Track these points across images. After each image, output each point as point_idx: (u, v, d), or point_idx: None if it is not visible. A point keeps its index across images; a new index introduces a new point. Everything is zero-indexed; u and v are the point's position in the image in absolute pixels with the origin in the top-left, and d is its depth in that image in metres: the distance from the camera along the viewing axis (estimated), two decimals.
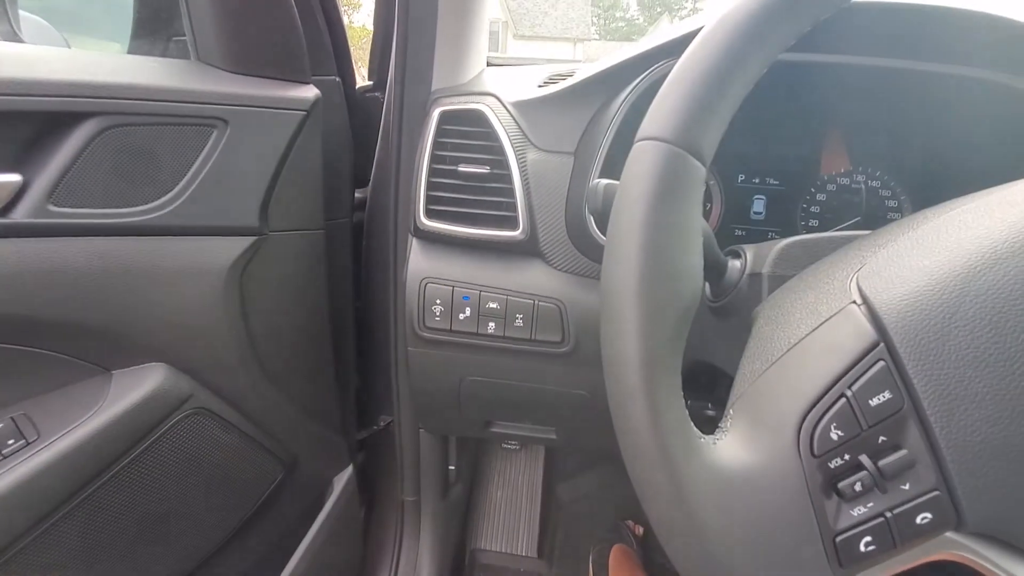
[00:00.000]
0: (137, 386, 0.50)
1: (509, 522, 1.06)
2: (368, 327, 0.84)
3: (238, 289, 0.54)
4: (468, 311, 0.56)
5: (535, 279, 0.56)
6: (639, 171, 0.26)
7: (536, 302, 0.56)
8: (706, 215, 0.66)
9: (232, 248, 0.53)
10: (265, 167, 0.54)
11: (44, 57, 0.49)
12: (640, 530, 1.04)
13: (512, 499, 1.09)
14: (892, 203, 0.64)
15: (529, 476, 1.11)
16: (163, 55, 0.65)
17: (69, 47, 0.75)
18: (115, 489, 0.50)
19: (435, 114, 0.57)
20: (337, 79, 0.65)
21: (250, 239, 0.54)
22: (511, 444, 1.11)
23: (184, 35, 0.55)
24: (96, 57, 0.52)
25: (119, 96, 0.49)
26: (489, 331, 0.56)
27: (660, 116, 0.27)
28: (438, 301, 0.56)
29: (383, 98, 0.75)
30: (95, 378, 0.50)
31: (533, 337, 0.56)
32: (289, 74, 0.56)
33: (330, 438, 0.72)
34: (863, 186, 0.64)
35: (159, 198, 0.50)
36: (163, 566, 0.55)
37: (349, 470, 0.75)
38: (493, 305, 0.56)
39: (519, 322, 0.56)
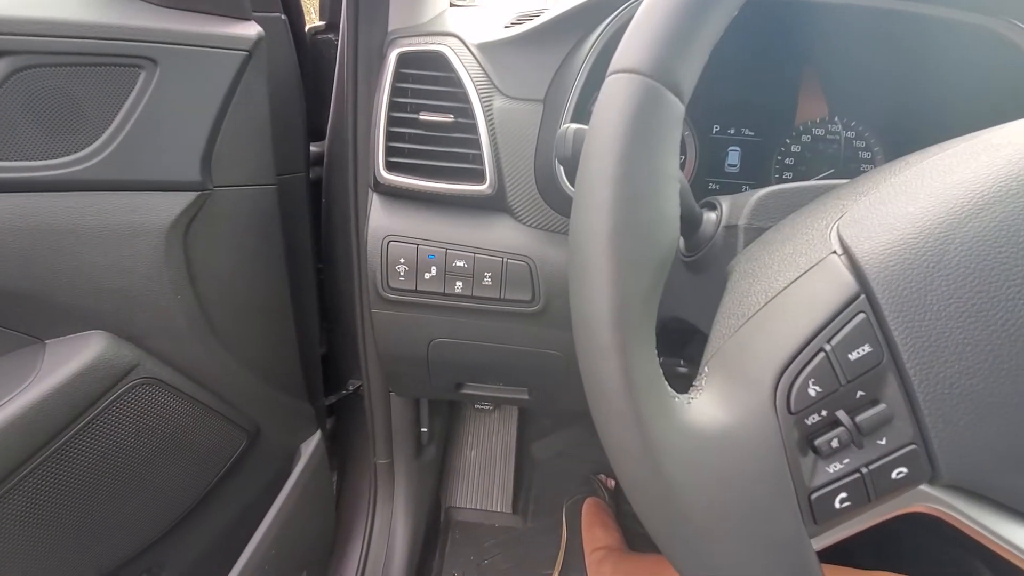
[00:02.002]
0: (74, 356, 0.46)
1: (484, 481, 1.08)
2: (332, 289, 0.81)
3: (182, 249, 0.50)
4: (434, 270, 0.54)
5: (504, 236, 0.54)
6: (611, 107, 0.24)
7: (505, 260, 0.53)
8: (680, 167, 0.64)
9: (172, 205, 0.48)
10: (204, 114, 0.49)
11: None
12: (612, 483, 1.07)
13: (486, 458, 1.10)
14: (865, 155, 0.63)
15: (503, 436, 1.11)
16: None
17: None
18: (58, 465, 0.47)
19: (392, 56, 0.52)
20: (283, 17, 0.59)
21: (192, 195, 0.49)
22: (484, 405, 1.11)
23: None
24: None
25: (31, 32, 0.43)
26: (456, 291, 0.54)
27: (634, 46, 0.24)
28: (402, 260, 0.54)
29: (336, 40, 0.69)
30: (25, 348, 0.46)
31: (502, 296, 0.54)
32: (226, 9, 0.50)
33: (295, 405, 0.70)
34: (839, 136, 0.62)
35: (83, 149, 0.44)
36: (119, 541, 0.53)
37: (317, 436, 0.73)
38: (460, 263, 0.53)
39: (487, 281, 0.53)
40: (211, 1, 0.49)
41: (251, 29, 0.50)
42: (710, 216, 0.41)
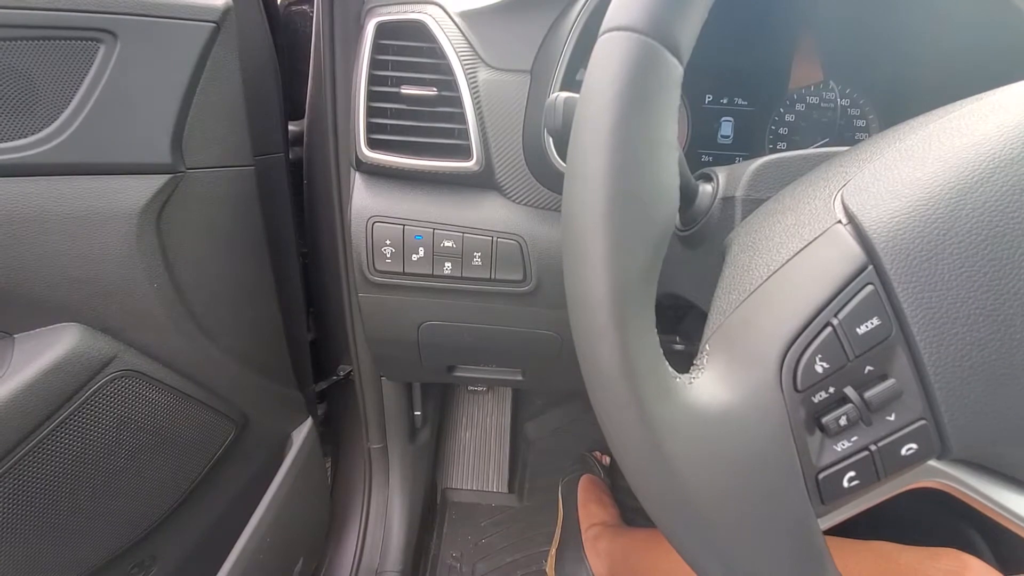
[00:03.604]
0: (46, 350, 0.44)
1: (479, 461, 1.08)
2: (318, 273, 0.79)
3: (156, 235, 0.47)
4: (421, 251, 0.52)
5: (493, 214, 0.52)
6: (605, 68, 0.22)
7: (495, 239, 0.52)
8: None
9: (142, 189, 0.46)
10: (172, 91, 0.46)
11: None
12: (606, 459, 1.07)
13: (481, 439, 1.10)
14: (860, 122, 0.62)
15: (497, 416, 1.11)
16: None
17: None
18: (36, 464, 0.45)
19: (370, 26, 0.49)
20: None
21: (164, 178, 0.47)
22: (478, 386, 1.11)
23: None
24: None
25: None
26: (445, 272, 0.52)
27: (628, 2, 0.22)
28: (388, 241, 0.52)
29: (312, 11, 0.65)
30: None
31: (493, 276, 0.52)
32: None
33: (284, 392, 0.68)
34: (834, 103, 0.61)
35: (40, 131, 0.42)
36: (105, 537, 0.52)
37: (308, 423, 0.72)
38: (448, 244, 0.52)
39: (477, 261, 0.52)
40: None
41: None
42: (706, 188, 0.39)
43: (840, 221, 0.24)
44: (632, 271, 0.22)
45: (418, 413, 0.89)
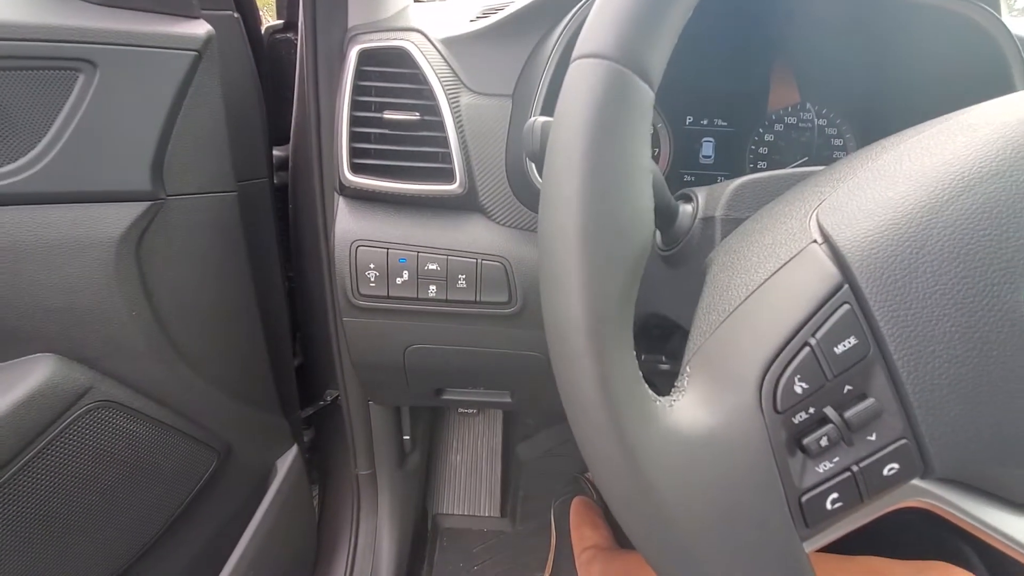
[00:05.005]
0: (20, 381, 0.43)
1: (470, 485, 1.06)
2: (304, 297, 0.78)
3: (135, 264, 0.47)
4: (406, 275, 0.52)
5: (477, 236, 0.52)
6: (576, 95, 0.22)
7: (479, 261, 0.51)
8: (655, 160, 0.63)
9: (121, 217, 0.45)
10: (152, 119, 0.46)
11: None
12: None
13: (472, 462, 1.08)
14: (838, 141, 0.63)
15: (488, 438, 1.10)
16: None
17: None
18: (10, 497, 0.44)
19: (353, 53, 0.50)
20: (236, 15, 0.56)
21: (143, 205, 0.46)
22: (468, 408, 1.09)
23: None
24: None
25: None
26: (430, 295, 0.52)
27: (598, 29, 0.22)
28: (372, 265, 0.51)
29: (296, 39, 0.66)
30: None
31: (478, 299, 0.52)
32: (171, 7, 0.47)
33: (268, 420, 0.67)
34: (812, 123, 0.62)
35: (17, 160, 0.41)
36: (84, 573, 0.50)
37: (293, 451, 0.71)
38: (433, 267, 0.51)
39: (462, 283, 0.52)
40: None
41: (200, 28, 0.48)
42: (686, 208, 0.40)
43: (815, 241, 0.24)
44: (608, 295, 0.22)
45: (407, 437, 0.87)
